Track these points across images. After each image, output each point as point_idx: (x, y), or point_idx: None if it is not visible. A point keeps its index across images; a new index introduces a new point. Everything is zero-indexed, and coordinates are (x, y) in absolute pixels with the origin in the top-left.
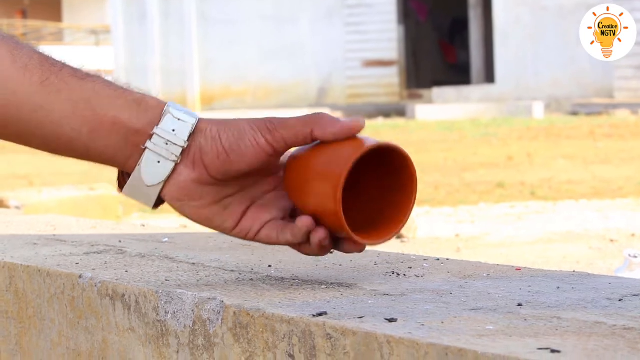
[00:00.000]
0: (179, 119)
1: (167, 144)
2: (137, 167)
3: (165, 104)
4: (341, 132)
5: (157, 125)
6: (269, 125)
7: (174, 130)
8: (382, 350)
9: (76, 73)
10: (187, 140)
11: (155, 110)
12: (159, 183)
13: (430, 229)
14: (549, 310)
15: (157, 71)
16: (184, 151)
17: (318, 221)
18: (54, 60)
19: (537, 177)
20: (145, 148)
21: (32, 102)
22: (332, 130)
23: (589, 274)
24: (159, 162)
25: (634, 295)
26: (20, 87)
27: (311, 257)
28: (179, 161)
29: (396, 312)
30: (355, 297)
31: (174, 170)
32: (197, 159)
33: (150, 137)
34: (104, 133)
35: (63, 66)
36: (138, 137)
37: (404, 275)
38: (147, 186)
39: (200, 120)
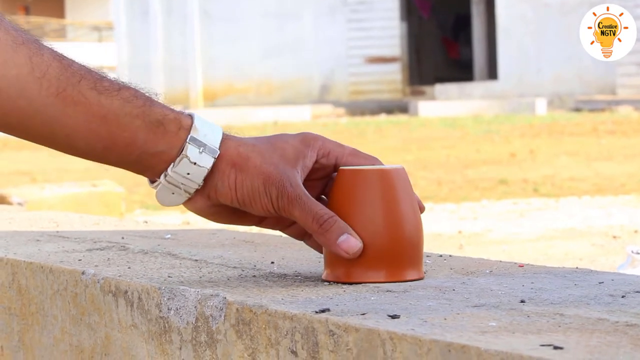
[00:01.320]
0: (194, 163)
1: (181, 184)
2: (152, 185)
3: (185, 130)
4: (338, 251)
5: (173, 165)
6: (282, 197)
7: (188, 174)
8: (385, 346)
9: (96, 85)
10: (202, 182)
11: (173, 138)
12: (174, 205)
13: (432, 225)
14: (551, 306)
15: (159, 68)
16: (199, 188)
17: None
18: (74, 68)
19: (539, 173)
20: (159, 182)
21: (47, 113)
22: (330, 247)
23: (591, 271)
24: (173, 193)
25: (637, 292)
26: (36, 97)
27: (313, 253)
28: (193, 195)
29: (399, 308)
30: (358, 293)
31: (189, 197)
32: (212, 195)
33: (165, 174)
34: (118, 151)
35: (82, 77)
36: (152, 160)
37: None
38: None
39: (220, 158)
